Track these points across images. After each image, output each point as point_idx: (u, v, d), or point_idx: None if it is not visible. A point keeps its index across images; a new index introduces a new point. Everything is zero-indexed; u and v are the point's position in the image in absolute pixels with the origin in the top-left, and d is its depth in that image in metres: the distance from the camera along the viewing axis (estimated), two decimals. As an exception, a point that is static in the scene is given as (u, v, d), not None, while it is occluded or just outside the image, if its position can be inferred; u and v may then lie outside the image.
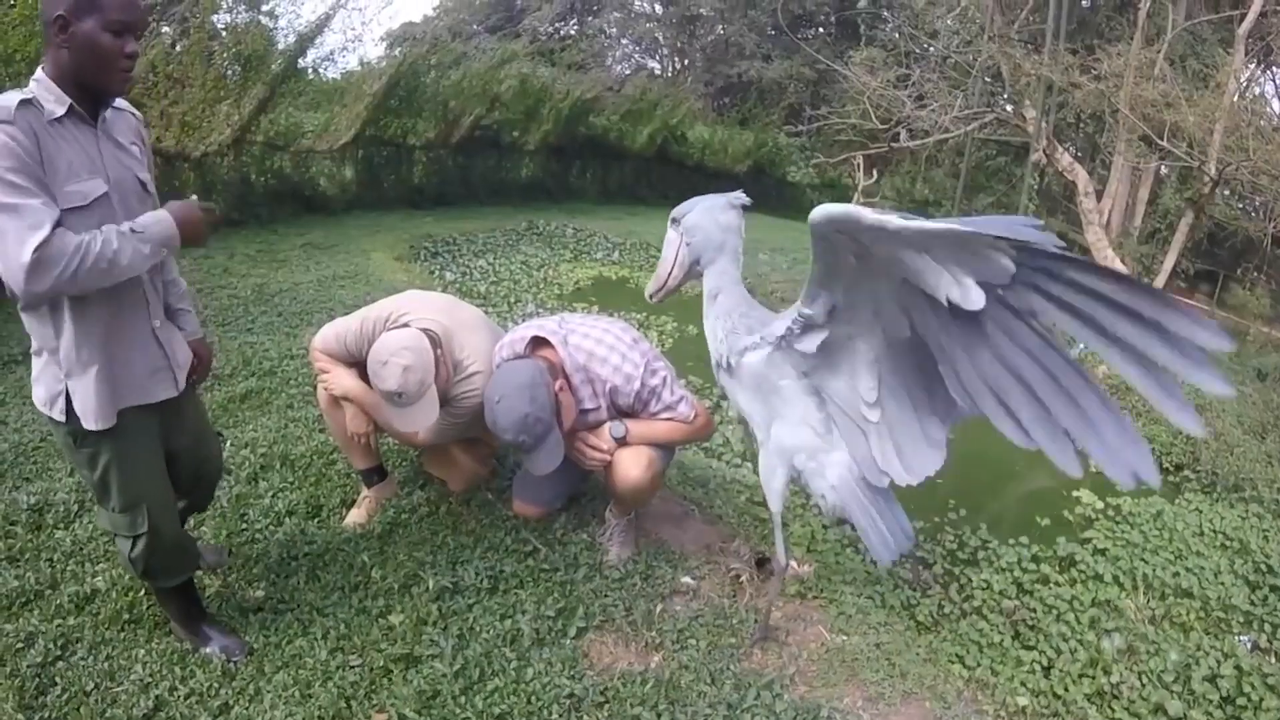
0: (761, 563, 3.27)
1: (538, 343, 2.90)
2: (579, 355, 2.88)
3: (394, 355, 2.69)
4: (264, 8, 10.95)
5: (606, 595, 2.90)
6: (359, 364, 3.04)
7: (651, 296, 2.79)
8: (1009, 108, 11.38)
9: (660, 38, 29.76)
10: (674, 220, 2.66)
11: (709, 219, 2.60)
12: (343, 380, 3.01)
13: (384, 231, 10.34)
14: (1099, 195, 10.16)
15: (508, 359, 2.86)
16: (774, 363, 2.50)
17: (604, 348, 2.91)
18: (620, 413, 2.96)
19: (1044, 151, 9.96)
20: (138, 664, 2.47)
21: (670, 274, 2.68)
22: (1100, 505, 5.47)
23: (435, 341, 2.83)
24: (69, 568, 2.88)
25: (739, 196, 2.65)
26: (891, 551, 2.54)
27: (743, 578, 3.15)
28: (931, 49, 11.22)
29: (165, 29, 10.28)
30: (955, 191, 12.99)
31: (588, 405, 2.92)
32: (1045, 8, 10.22)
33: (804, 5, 28.47)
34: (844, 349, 2.38)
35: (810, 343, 2.39)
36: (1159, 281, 10.07)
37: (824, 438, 2.52)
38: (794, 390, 2.51)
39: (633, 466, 2.87)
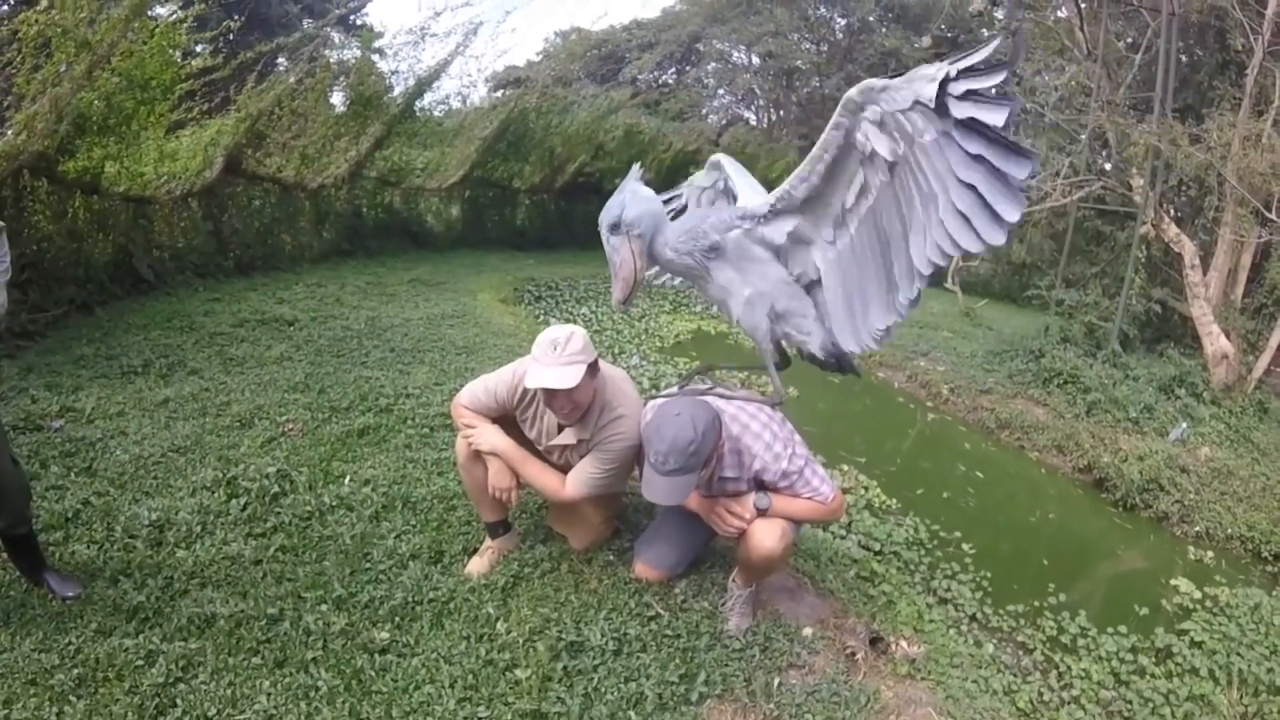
0: (875, 641, 3.28)
1: None
2: (734, 426, 2.98)
3: (566, 328, 2.90)
4: (375, 44, 11.45)
5: (727, 665, 2.92)
6: (504, 420, 3.17)
7: (623, 304, 3.02)
8: (1109, 172, 11.14)
9: (757, 89, 29.76)
10: (614, 227, 2.91)
11: (640, 205, 2.93)
12: (490, 436, 3.12)
13: (488, 271, 10.64)
14: (1204, 266, 9.81)
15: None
16: (752, 237, 2.96)
17: (758, 424, 3.01)
18: (759, 487, 3.03)
19: (1152, 223, 9.74)
20: (261, 694, 2.53)
21: (638, 269, 2.96)
22: (1198, 595, 5.36)
23: (596, 367, 2.96)
24: (189, 589, 2.98)
25: (635, 171, 3.03)
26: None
27: (857, 655, 3.15)
28: (1047, 118, 11.09)
29: (282, 61, 10.81)
30: (1053, 254, 12.77)
31: (729, 474, 2.99)
32: (1151, 72, 10.02)
33: (904, 62, 28.36)
34: (800, 251, 2.97)
35: (780, 230, 2.92)
36: (1263, 360, 9.63)
37: (796, 294, 3.02)
38: (767, 258, 2.98)
39: (767, 537, 2.92)
